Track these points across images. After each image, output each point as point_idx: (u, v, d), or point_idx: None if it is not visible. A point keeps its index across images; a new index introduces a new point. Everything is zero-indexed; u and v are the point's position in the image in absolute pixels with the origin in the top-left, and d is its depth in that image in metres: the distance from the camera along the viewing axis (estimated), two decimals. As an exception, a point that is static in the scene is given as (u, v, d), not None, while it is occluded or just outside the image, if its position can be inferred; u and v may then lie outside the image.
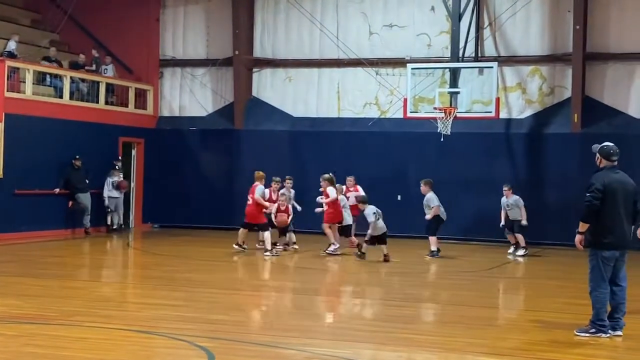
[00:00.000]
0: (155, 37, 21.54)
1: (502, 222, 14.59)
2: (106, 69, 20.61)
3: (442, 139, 16.90)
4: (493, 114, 16.72)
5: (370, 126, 19.16)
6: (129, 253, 17.36)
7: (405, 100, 17.03)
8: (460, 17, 17.39)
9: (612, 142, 7.25)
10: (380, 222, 13.17)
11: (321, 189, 14.04)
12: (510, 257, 14.38)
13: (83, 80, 19.35)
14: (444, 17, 18.07)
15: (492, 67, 16.96)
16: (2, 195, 16.48)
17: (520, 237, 14.51)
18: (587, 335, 6.17)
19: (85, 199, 17.88)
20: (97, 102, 19.32)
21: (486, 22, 18.43)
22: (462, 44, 17.63)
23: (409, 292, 10.93)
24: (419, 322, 8.60)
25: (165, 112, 21.70)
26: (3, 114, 16.44)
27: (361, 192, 14.45)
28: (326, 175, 13.96)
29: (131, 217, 20.36)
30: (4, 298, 9.13)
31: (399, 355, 5.98)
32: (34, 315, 7.77)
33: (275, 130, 20.30)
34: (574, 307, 8.76)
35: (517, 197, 14.24)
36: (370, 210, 13.23)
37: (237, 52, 20.19)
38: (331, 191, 13.74)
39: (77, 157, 17.80)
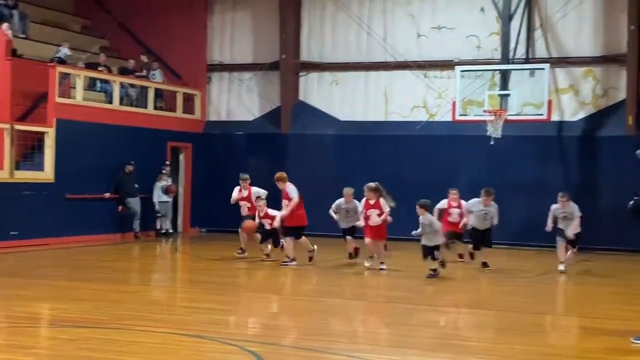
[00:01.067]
0: (202, 42, 21.67)
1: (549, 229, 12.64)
2: (154, 75, 20.86)
3: (492, 142, 16.63)
4: (545, 117, 16.51)
5: (418, 130, 18.92)
6: (178, 257, 17.49)
7: (454, 103, 16.94)
8: (510, 18, 17.28)
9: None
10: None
11: (370, 200, 12.04)
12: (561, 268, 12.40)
13: (132, 85, 19.59)
14: (494, 18, 17.83)
15: (543, 69, 16.70)
16: (54, 200, 16.71)
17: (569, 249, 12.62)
18: None
19: (135, 203, 18.05)
20: (146, 108, 19.56)
21: (537, 23, 18.19)
22: (512, 46, 17.50)
23: (458, 297, 10.79)
24: (470, 329, 8.40)
25: (213, 117, 21.76)
26: (54, 119, 16.76)
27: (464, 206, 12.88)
28: (372, 185, 12.13)
29: (179, 222, 20.44)
30: (57, 302, 9.31)
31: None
32: (87, 319, 7.83)
33: (322, 134, 20.20)
34: (630, 314, 8.57)
35: (575, 206, 12.18)
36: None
37: (284, 56, 20.19)
38: (383, 204, 11.92)
39: (132, 162, 18.01)
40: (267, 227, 12.87)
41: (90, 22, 22.58)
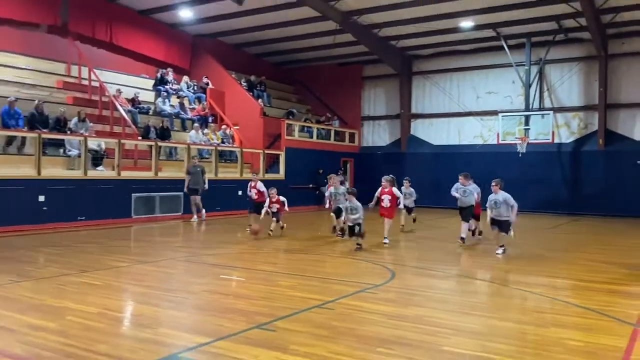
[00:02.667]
0: (359, 104, 25.47)
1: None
2: (335, 122, 24.77)
3: (520, 155, 19.65)
4: (550, 141, 19.56)
5: (477, 149, 21.86)
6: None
7: (498, 134, 20.30)
8: (529, 85, 20.57)
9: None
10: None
11: (385, 188, 10.91)
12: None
13: (323, 128, 23.32)
14: (520, 86, 20.99)
15: (549, 114, 19.85)
16: (284, 187, 16.86)
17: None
18: None
19: (324, 189, 17.25)
20: (329, 139, 23.31)
21: (545, 88, 21.08)
22: (531, 101, 20.44)
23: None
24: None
25: (364, 144, 25.23)
26: (284, 147, 20.61)
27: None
28: (388, 177, 11.05)
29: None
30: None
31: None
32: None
33: (423, 152, 23.25)
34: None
35: (507, 194, 9.47)
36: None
37: (402, 111, 23.97)
38: (396, 191, 10.91)
39: (321, 169, 21.14)
40: (274, 210, 11.91)
41: (301, 96, 26.80)
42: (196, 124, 19.50)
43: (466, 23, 19.44)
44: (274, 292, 6.63)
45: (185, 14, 20.00)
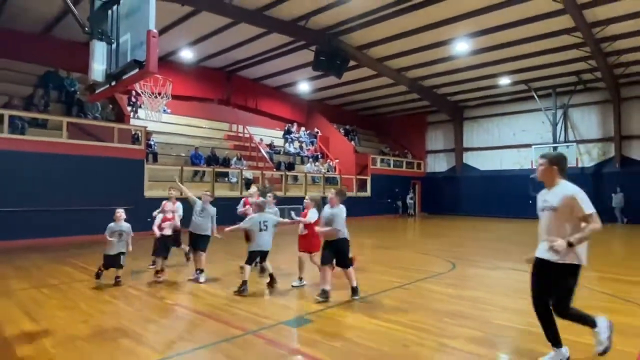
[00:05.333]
0: (424, 141, 25.02)
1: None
2: (407, 156, 24.64)
3: None
4: (575, 165, 17.98)
5: (515, 172, 20.80)
6: (425, 221, 18.18)
7: (532, 161, 18.81)
8: (556, 125, 19.52)
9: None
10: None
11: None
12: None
13: (396, 161, 23.19)
14: (549, 125, 19.84)
15: (573, 145, 18.86)
16: (371, 203, 20.13)
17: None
18: None
19: (401, 202, 21.84)
20: (402, 167, 23.18)
21: (569, 125, 19.89)
22: (557, 135, 19.44)
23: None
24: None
25: (428, 170, 24.67)
26: (370, 174, 20.81)
27: None
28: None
29: (416, 210, 22.95)
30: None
31: None
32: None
33: (474, 176, 22.51)
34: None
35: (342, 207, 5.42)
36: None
37: (456, 145, 23.43)
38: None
39: (397, 189, 21.95)
40: None
41: (382, 138, 26.40)
42: (310, 160, 20.52)
43: (504, 81, 19.02)
44: (367, 276, 6.41)
45: (303, 87, 21.10)
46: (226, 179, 15.45)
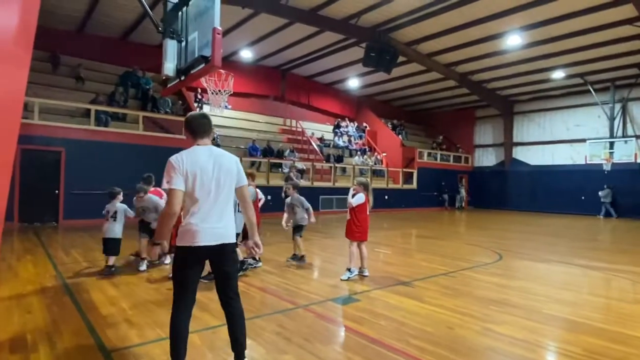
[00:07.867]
0: (472, 136, 23.91)
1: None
2: (459, 150, 23.87)
3: (605, 172, 17.79)
4: (632, 160, 17.29)
5: (568, 167, 19.92)
6: (475, 214, 17.48)
7: (586, 156, 18.20)
8: (613, 119, 18.42)
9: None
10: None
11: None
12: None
13: (443, 155, 22.45)
14: (606, 119, 18.73)
15: (632, 140, 17.69)
16: (416, 195, 19.67)
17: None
18: None
19: (448, 194, 21.32)
20: (449, 162, 22.45)
21: (628, 120, 18.49)
22: (615, 130, 18.34)
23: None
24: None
25: (476, 164, 23.74)
26: (417, 167, 20.25)
27: None
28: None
29: (463, 203, 22.36)
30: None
31: None
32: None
33: (523, 170, 21.46)
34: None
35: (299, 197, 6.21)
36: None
37: (506, 140, 22.30)
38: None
39: (444, 183, 21.40)
40: None
41: (429, 132, 25.50)
42: (358, 153, 20.26)
43: (557, 75, 17.78)
44: (412, 263, 6.36)
45: (353, 83, 20.83)
46: (280, 169, 15.78)
